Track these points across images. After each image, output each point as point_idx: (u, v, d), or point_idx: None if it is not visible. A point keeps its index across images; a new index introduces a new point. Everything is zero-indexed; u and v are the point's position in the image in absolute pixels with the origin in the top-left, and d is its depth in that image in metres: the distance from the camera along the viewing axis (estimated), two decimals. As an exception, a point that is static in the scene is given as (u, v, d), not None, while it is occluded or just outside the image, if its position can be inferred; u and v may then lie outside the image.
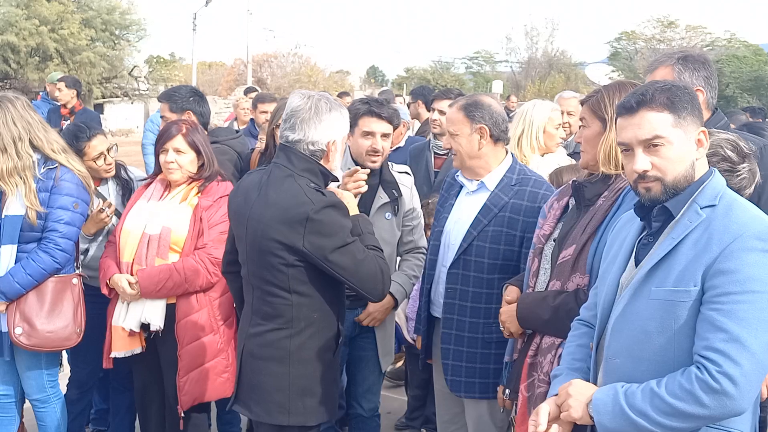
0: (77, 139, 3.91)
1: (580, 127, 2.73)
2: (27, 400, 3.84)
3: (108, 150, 3.98)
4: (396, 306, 3.68)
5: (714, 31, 44.47)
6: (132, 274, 3.49)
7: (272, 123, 4.15)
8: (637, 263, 2.10)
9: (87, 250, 3.93)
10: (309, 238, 2.65)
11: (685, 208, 2.02)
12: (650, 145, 2.02)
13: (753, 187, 2.47)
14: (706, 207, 1.99)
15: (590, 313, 2.30)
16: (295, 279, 2.72)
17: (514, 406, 2.85)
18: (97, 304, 3.76)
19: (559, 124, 4.62)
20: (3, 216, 3.50)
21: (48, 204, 3.53)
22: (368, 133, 3.55)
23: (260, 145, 5.50)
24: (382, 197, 3.58)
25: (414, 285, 3.73)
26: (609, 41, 47.31)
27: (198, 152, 3.60)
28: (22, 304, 3.56)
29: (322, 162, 2.79)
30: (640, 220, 2.14)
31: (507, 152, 3.33)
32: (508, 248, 3.14)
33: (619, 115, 2.10)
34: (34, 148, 3.56)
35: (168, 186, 3.67)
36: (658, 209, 2.06)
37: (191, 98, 4.25)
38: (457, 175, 3.40)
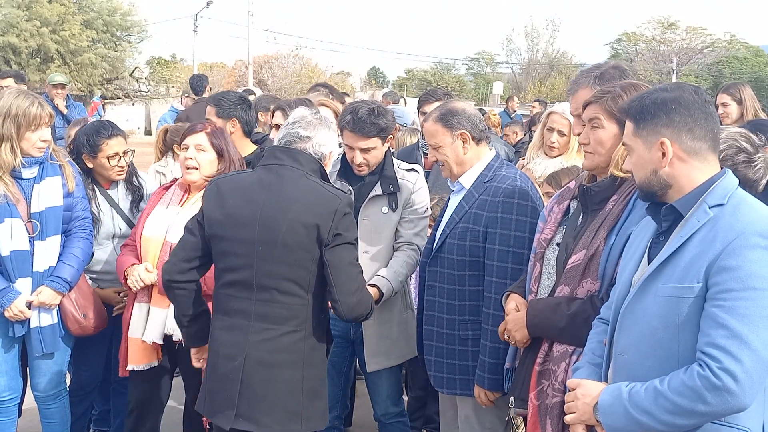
0: (97, 134, 3.87)
1: (591, 127, 2.57)
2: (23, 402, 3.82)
3: (124, 153, 3.93)
4: (379, 300, 3.42)
5: (714, 33, 44.68)
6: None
7: None
8: (649, 262, 2.12)
9: (92, 254, 3.91)
10: (334, 231, 2.74)
11: (695, 207, 2.04)
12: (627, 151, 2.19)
13: None
14: (714, 206, 2.00)
15: (609, 312, 2.30)
16: (315, 277, 2.77)
17: (511, 407, 2.82)
18: (102, 307, 3.77)
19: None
20: (44, 208, 3.53)
21: (73, 195, 3.65)
22: (348, 146, 3.59)
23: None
24: (376, 190, 3.61)
25: (402, 282, 3.57)
26: (609, 42, 47.54)
27: (221, 155, 3.52)
28: (74, 291, 3.65)
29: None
30: (653, 218, 2.17)
31: (490, 150, 3.31)
32: (473, 244, 3.12)
33: None
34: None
35: (188, 190, 3.54)
36: (666, 208, 2.09)
37: (239, 105, 4.40)
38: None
